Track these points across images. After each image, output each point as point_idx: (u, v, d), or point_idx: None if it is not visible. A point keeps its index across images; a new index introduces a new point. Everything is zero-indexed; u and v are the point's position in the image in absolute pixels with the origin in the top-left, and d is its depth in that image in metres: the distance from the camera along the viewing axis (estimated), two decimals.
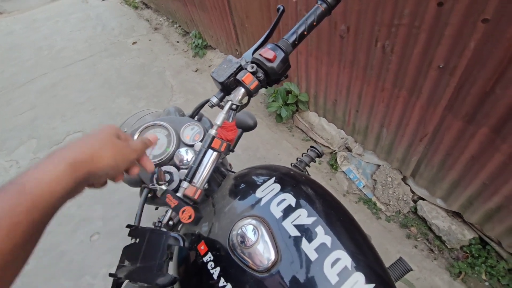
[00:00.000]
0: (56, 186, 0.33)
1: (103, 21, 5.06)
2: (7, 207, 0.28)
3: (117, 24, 4.88)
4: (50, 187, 0.32)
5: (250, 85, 0.57)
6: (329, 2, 0.60)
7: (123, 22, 4.93)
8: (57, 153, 0.36)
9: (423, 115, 1.30)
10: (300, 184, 0.61)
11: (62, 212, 1.50)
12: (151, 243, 0.47)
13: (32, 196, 0.30)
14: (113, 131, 0.43)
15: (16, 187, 0.30)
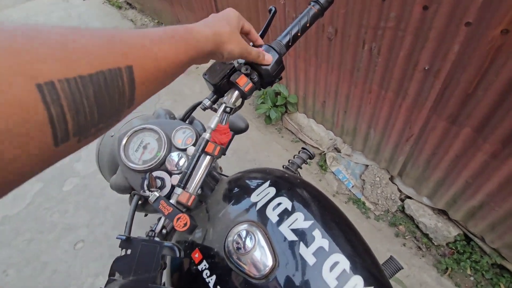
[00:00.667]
0: (205, 44, 0.40)
1: (86, 21, 4.90)
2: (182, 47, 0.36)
3: (100, 24, 4.73)
4: (204, 43, 0.40)
5: (245, 87, 0.55)
6: (321, 3, 0.60)
7: (106, 22, 4.79)
8: (206, 20, 0.44)
9: (409, 116, 1.34)
10: (295, 187, 0.61)
11: (43, 219, 1.45)
12: (144, 254, 0.45)
13: (195, 43, 0.38)
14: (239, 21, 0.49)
15: (187, 34, 0.37)
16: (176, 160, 0.60)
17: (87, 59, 0.23)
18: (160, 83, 0.35)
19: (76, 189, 2.11)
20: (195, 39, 0.38)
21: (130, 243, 0.46)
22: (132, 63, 0.27)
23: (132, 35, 0.30)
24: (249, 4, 1.89)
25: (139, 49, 0.29)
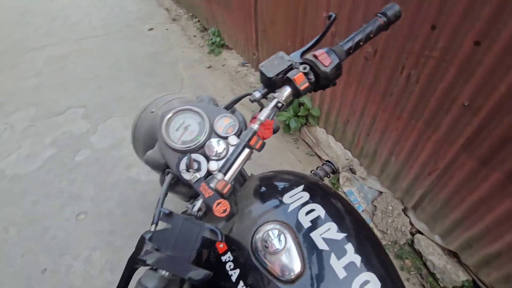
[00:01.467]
0: None
1: (122, 3, 5.03)
2: None
3: (135, 8, 4.86)
4: None
5: (301, 85, 0.55)
6: (388, 16, 0.59)
7: (142, 7, 4.91)
8: None
9: (436, 149, 1.30)
10: (329, 196, 0.59)
11: (51, 184, 1.48)
12: (184, 232, 0.44)
13: None
14: None
15: None
16: (215, 147, 0.59)
17: None
18: None
19: (87, 161, 2.13)
20: None
21: (172, 218, 0.45)
22: None
23: None
24: (288, 13, 1.90)
25: None
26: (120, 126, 2.43)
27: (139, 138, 0.81)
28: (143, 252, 0.44)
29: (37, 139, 2.33)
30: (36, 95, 2.82)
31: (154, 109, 0.79)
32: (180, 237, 0.44)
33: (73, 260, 1.59)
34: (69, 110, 2.63)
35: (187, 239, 0.44)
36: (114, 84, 2.96)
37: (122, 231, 1.71)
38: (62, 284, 1.51)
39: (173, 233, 0.44)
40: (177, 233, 0.44)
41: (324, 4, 1.55)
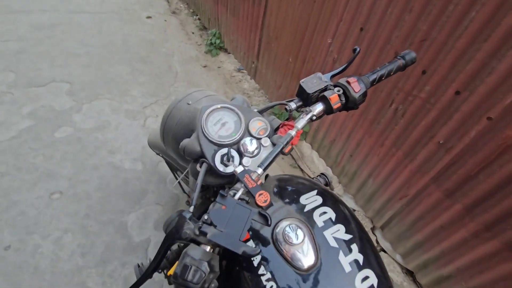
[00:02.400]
0: None
1: None
2: None
3: None
4: None
5: (334, 104, 0.64)
6: (406, 60, 0.71)
7: None
8: None
9: (410, 177, 1.47)
10: (338, 203, 0.68)
11: (25, 157, 1.48)
12: (236, 214, 0.49)
13: None
14: None
15: None
16: (249, 145, 0.65)
17: None
18: None
19: (68, 139, 2.04)
20: None
21: (225, 200, 0.50)
22: None
23: None
24: (296, 33, 2.03)
25: None
26: (107, 109, 2.36)
27: (171, 127, 0.84)
28: (189, 229, 0.49)
29: (13, 108, 2.18)
30: (17, 61, 2.64)
31: (191, 101, 0.83)
32: (232, 218, 0.49)
33: (42, 240, 1.51)
34: (52, 83, 2.50)
35: (238, 221, 0.49)
36: (105, 65, 2.87)
37: (98, 216, 1.66)
38: (26, 263, 1.43)
39: (227, 214, 0.49)
40: (231, 214, 0.50)
41: (331, 33, 1.70)
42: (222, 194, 0.51)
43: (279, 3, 2.10)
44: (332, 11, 1.63)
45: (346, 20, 1.57)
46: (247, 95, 2.89)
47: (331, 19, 1.65)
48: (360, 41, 1.52)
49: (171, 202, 1.83)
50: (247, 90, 2.95)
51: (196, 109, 0.73)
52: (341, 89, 0.66)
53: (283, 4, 2.05)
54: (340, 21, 1.60)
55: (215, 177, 0.67)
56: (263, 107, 0.77)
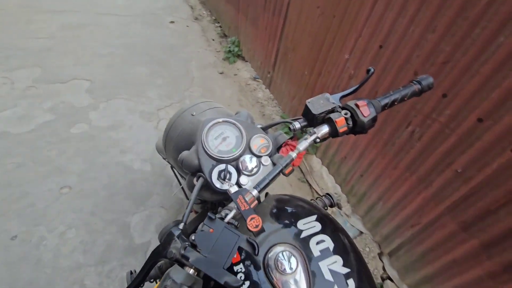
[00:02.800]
0: None
1: None
2: None
3: None
4: None
5: (340, 128, 0.60)
6: (422, 85, 0.67)
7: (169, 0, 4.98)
8: None
9: (423, 205, 1.39)
10: (338, 231, 0.64)
11: (41, 150, 1.49)
12: (223, 238, 0.47)
13: None
14: None
15: None
16: (248, 163, 0.63)
17: None
18: None
19: (82, 135, 2.10)
20: None
21: (214, 223, 0.48)
22: None
23: None
24: (313, 45, 2.00)
25: None
26: (123, 109, 2.42)
27: (173, 137, 0.83)
28: (175, 248, 0.46)
29: (35, 102, 2.28)
30: (44, 57, 2.77)
31: (195, 113, 0.82)
32: (219, 242, 0.47)
33: (47, 233, 1.54)
34: (74, 81, 2.60)
35: (225, 246, 0.46)
36: (125, 66, 2.96)
37: (103, 215, 1.68)
38: (30, 255, 1.45)
39: (214, 238, 0.47)
40: (218, 238, 0.47)
41: (348, 48, 1.66)
42: (210, 216, 0.48)
43: (298, 15, 2.09)
44: (351, 26, 1.60)
45: (365, 36, 1.52)
46: (260, 104, 2.87)
47: (350, 34, 1.62)
48: (379, 59, 1.48)
49: (175, 206, 1.83)
50: (261, 99, 2.94)
51: (199, 121, 0.71)
52: (349, 112, 0.62)
53: (303, 16, 2.04)
54: (359, 37, 1.56)
55: (212, 193, 0.65)
56: (267, 124, 0.74)
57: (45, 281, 1.39)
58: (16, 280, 1.38)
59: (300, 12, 2.06)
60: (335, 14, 1.70)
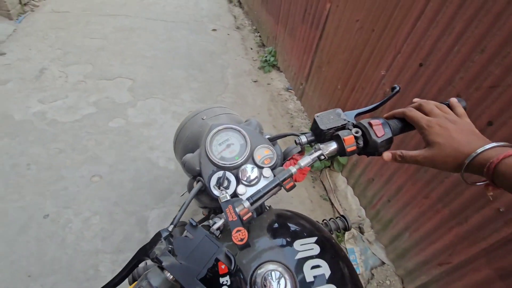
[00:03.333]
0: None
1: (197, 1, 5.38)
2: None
3: (208, 7, 5.16)
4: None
5: (348, 147, 0.56)
6: None
7: (213, 8, 5.21)
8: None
9: (455, 243, 1.24)
10: (338, 258, 0.59)
11: (80, 140, 1.59)
12: (202, 247, 0.46)
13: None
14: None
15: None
16: (249, 172, 0.61)
17: None
18: None
19: (118, 129, 2.24)
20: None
21: (195, 231, 0.47)
22: None
23: None
24: (349, 60, 1.94)
25: None
26: (157, 108, 2.55)
27: (182, 138, 0.85)
28: (159, 250, 0.46)
29: (83, 95, 2.50)
30: (96, 56, 3.04)
31: (205, 117, 0.83)
32: (197, 250, 0.46)
33: (74, 216, 1.65)
34: (119, 79, 2.81)
35: (202, 255, 0.45)
36: (165, 68, 3.13)
37: (125, 206, 1.76)
38: (56, 234, 1.57)
39: (193, 245, 0.46)
40: (196, 246, 0.46)
41: (385, 65, 1.58)
42: (191, 223, 0.47)
43: (336, 28, 2.05)
44: (390, 42, 1.52)
45: (404, 53, 1.44)
46: (290, 115, 2.84)
47: (388, 50, 1.54)
48: (417, 78, 1.38)
49: (192, 206, 1.86)
50: (291, 110, 2.91)
51: (207, 125, 0.71)
52: (361, 131, 0.58)
53: (340, 30, 1.99)
54: (398, 53, 1.47)
55: (210, 199, 0.64)
56: (275, 135, 0.72)
57: (66, 261, 1.49)
58: (42, 255, 1.50)
59: (338, 25, 2.02)
60: (375, 28, 1.64)
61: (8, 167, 1.84)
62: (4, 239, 1.53)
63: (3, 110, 2.22)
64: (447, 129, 0.48)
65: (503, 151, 0.41)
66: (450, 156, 0.46)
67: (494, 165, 0.40)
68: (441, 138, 0.47)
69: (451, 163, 0.47)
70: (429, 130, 0.50)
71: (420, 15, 1.31)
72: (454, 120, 0.49)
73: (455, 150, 0.46)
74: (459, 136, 0.46)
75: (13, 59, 2.77)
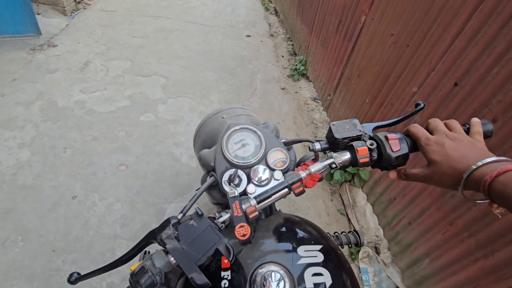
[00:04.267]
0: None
1: (236, 5, 5.54)
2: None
3: (244, 13, 5.30)
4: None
5: (361, 158, 0.56)
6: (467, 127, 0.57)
7: (250, 14, 5.34)
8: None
9: (480, 277, 1.15)
10: (342, 269, 0.58)
11: (113, 130, 1.68)
12: (204, 236, 0.48)
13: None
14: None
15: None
16: (260, 173, 0.63)
17: None
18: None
19: (148, 123, 2.36)
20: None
21: (200, 220, 0.49)
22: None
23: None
24: (379, 73, 1.89)
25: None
26: (185, 107, 2.65)
27: (202, 133, 0.89)
28: (166, 234, 0.49)
29: (120, 88, 2.67)
30: (136, 53, 3.25)
31: (226, 116, 0.86)
32: (199, 238, 0.48)
33: (99, 200, 1.76)
34: (154, 76, 2.97)
35: (204, 244, 0.47)
36: (198, 69, 3.26)
37: (146, 197, 1.85)
38: (81, 215, 1.68)
39: (196, 233, 0.48)
40: (199, 234, 0.48)
41: (418, 82, 1.52)
42: (197, 211, 0.50)
43: (369, 41, 2.01)
44: (425, 58, 1.46)
45: (439, 71, 1.38)
46: (315, 126, 2.82)
47: (422, 67, 1.48)
48: (451, 97, 1.31)
49: (209, 204, 1.90)
50: (317, 120, 2.89)
51: (226, 124, 0.74)
52: (376, 143, 0.57)
53: (374, 43, 1.96)
54: (432, 71, 1.42)
55: (221, 195, 0.66)
56: (290, 139, 0.73)
57: (87, 241, 1.59)
58: (67, 233, 1.61)
59: (371, 38, 1.99)
60: (410, 43, 1.59)
61: (48, 148, 2.01)
62: (37, 213, 1.66)
63: (50, 96, 2.44)
64: (443, 146, 0.46)
65: (498, 167, 0.39)
66: (446, 174, 0.45)
67: (487, 183, 0.38)
68: (437, 155, 0.46)
69: (447, 181, 0.45)
70: (426, 148, 0.49)
71: (459, 33, 1.26)
72: (454, 137, 0.47)
73: (451, 167, 0.44)
74: (454, 153, 0.45)
75: (63, 51, 3.04)
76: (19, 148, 1.98)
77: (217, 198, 0.70)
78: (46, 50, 3.00)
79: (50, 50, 3.02)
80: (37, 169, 1.87)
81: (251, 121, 0.88)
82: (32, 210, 1.67)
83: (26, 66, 2.73)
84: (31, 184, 1.79)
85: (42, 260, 1.49)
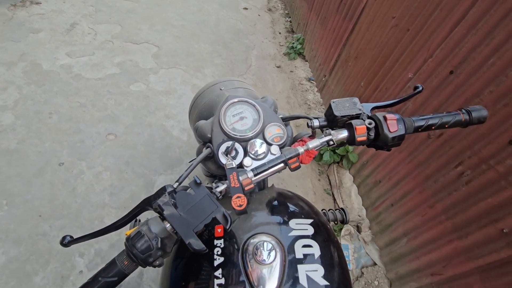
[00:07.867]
0: None
1: None
2: None
3: None
4: None
5: (359, 137, 0.57)
6: (472, 117, 0.59)
7: None
8: None
9: (451, 256, 1.24)
10: (330, 243, 0.61)
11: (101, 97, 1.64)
12: (202, 204, 0.48)
13: None
14: None
15: None
16: (257, 147, 0.63)
17: None
18: None
19: (138, 93, 2.29)
20: None
21: (198, 188, 0.49)
22: None
23: None
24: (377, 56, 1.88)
25: None
26: (178, 79, 2.57)
27: (198, 105, 0.87)
28: (162, 201, 0.49)
29: (109, 54, 2.55)
30: (126, 18, 3.07)
31: (224, 88, 0.84)
32: (197, 206, 0.48)
33: (87, 169, 1.74)
34: (145, 44, 2.83)
35: (201, 212, 0.48)
36: (192, 40, 3.13)
37: (135, 167, 1.83)
38: (68, 182, 1.66)
39: (193, 200, 0.49)
40: (197, 202, 0.49)
41: (414, 67, 1.52)
42: (195, 180, 0.50)
43: (370, 23, 1.97)
44: (424, 44, 1.46)
45: (436, 58, 1.38)
46: (307, 106, 2.82)
47: (420, 52, 1.48)
48: (445, 85, 1.33)
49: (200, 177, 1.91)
50: (310, 101, 2.88)
51: (224, 96, 0.73)
52: (374, 123, 0.58)
53: (374, 25, 1.92)
54: (430, 57, 1.42)
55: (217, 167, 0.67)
56: (288, 115, 0.73)
57: (75, 208, 1.58)
58: (54, 199, 1.59)
59: (372, 19, 1.94)
60: (410, 27, 1.57)
61: (32, 112, 1.93)
62: (22, 178, 1.63)
63: (33, 58, 2.30)
64: None
65: None
66: None
67: None
68: None
69: None
70: None
71: (461, 20, 1.24)
72: None
73: None
74: None
75: (47, 10, 2.83)
76: (1, 110, 1.90)
77: (212, 169, 0.70)
78: (29, 7, 2.79)
79: (32, 8, 2.81)
80: (21, 134, 1.81)
81: (249, 94, 0.86)
82: (16, 175, 1.63)
83: (7, 23, 2.55)
84: (15, 148, 1.74)
85: (28, 224, 1.48)
